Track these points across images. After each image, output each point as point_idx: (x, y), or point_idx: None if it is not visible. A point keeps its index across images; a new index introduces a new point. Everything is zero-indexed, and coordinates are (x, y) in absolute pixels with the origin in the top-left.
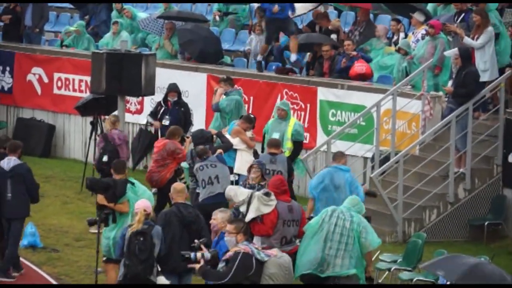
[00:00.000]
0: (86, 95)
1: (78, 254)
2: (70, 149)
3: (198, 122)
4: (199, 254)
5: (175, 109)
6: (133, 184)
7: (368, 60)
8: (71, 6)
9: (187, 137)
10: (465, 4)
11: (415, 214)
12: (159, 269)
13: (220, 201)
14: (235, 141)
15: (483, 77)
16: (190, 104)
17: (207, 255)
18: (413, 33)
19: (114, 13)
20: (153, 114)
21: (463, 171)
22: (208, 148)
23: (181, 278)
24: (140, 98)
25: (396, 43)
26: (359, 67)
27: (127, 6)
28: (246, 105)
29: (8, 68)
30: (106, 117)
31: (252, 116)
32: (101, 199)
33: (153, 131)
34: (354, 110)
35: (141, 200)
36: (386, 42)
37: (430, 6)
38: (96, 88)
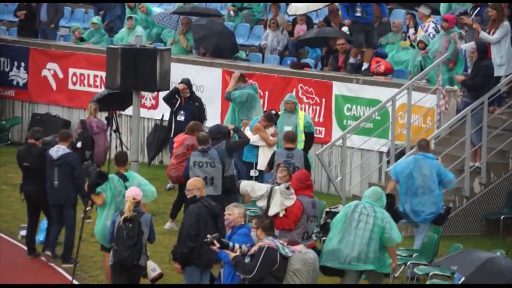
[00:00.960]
0: (101, 90)
1: (93, 250)
2: None
3: (213, 117)
4: (237, 245)
5: (189, 104)
6: (123, 177)
7: (384, 56)
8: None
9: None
10: None
11: None
12: (148, 254)
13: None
14: (255, 138)
15: (499, 72)
16: (205, 99)
17: (244, 248)
18: (421, 26)
19: (127, 10)
20: (167, 100)
21: (478, 165)
22: (225, 143)
23: (202, 272)
24: (155, 93)
25: (410, 38)
26: (377, 67)
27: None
28: (262, 100)
29: (23, 64)
30: (122, 112)
31: (273, 112)
32: (86, 185)
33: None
34: (369, 105)
35: (131, 188)
36: (402, 36)
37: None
38: (111, 83)
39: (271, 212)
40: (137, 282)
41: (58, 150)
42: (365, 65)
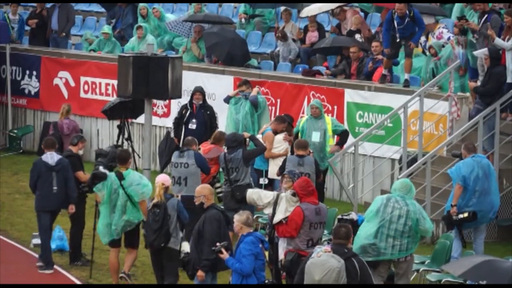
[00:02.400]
0: (113, 98)
1: (106, 258)
2: None
3: (225, 125)
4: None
5: (201, 112)
6: (120, 175)
7: (395, 64)
8: (98, 9)
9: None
10: (487, 4)
11: None
12: (181, 235)
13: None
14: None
15: None
16: (216, 106)
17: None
18: (431, 34)
19: (139, 19)
20: (178, 120)
21: None
22: (242, 152)
23: (212, 279)
24: (167, 101)
25: (421, 45)
26: (383, 78)
27: (156, 5)
28: (274, 107)
29: (35, 72)
30: (133, 120)
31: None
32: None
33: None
34: (381, 112)
35: (160, 175)
36: None
37: (456, 6)
38: (123, 91)
39: (276, 219)
40: (175, 262)
41: (52, 156)
42: (406, 75)
